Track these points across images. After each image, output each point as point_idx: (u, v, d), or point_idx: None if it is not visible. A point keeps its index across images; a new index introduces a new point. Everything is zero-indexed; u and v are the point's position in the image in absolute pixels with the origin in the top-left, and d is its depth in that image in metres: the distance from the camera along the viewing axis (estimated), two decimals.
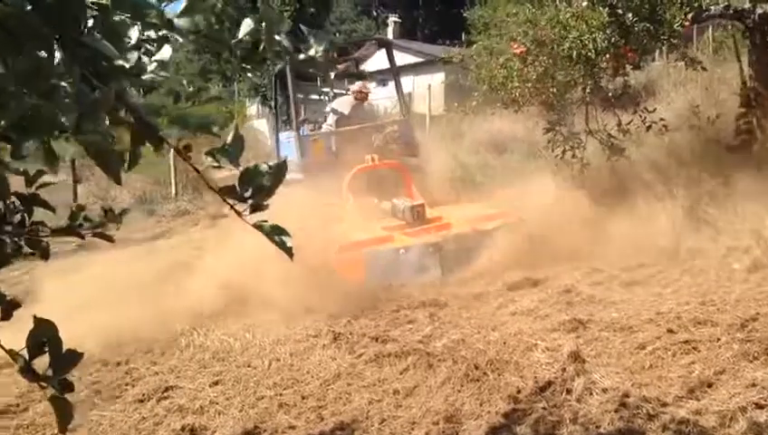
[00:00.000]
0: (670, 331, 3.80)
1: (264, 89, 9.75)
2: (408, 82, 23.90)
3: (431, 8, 36.83)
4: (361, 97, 8.27)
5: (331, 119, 8.26)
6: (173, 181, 15.27)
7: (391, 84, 25.30)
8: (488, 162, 8.21)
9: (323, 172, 7.17)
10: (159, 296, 6.11)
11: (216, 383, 4.06)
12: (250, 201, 1.11)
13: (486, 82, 5.98)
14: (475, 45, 6.34)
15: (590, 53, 5.39)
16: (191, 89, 2.38)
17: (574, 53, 5.39)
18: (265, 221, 1.14)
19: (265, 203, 1.12)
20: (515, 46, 5.99)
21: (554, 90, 6.14)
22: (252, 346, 4.58)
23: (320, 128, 8.45)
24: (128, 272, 7.63)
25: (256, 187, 1.10)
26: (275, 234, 1.13)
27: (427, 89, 19.03)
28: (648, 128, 6.39)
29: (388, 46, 9.08)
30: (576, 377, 3.22)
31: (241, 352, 4.49)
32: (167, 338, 4.99)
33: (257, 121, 11.59)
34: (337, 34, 35.50)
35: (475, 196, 7.28)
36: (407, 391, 3.56)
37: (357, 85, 8.35)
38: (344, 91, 10.78)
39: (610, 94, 6.63)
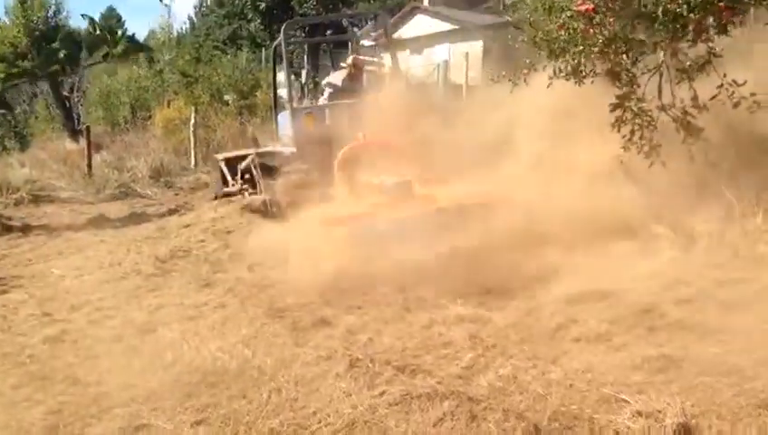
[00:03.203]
0: None
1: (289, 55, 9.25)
2: (443, 50, 22.77)
3: None
4: (355, 70, 8.37)
5: (327, 92, 8.30)
6: (192, 152, 14.50)
7: (426, 52, 24.24)
8: (519, 140, 7.12)
9: (313, 145, 7.42)
10: (148, 294, 5.32)
11: (199, 423, 3.20)
12: None
13: (545, 46, 4.94)
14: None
15: (679, 9, 4.32)
16: None
17: (660, 9, 4.33)
18: None
19: None
20: (579, 3, 4.92)
21: (624, 56, 5.08)
22: (250, 368, 3.71)
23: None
24: (124, 259, 6.87)
25: None
26: None
27: (461, 58, 17.83)
28: (737, 104, 5.27)
29: (386, 24, 9.93)
30: None
31: (236, 377, 3.63)
32: (150, 349, 4.16)
33: (283, 90, 10.96)
34: (371, 1, 34.26)
35: (485, 175, 6.36)
36: None
37: (350, 59, 8.49)
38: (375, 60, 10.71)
39: (688, 64, 5.50)
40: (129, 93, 22.65)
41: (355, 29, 19.51)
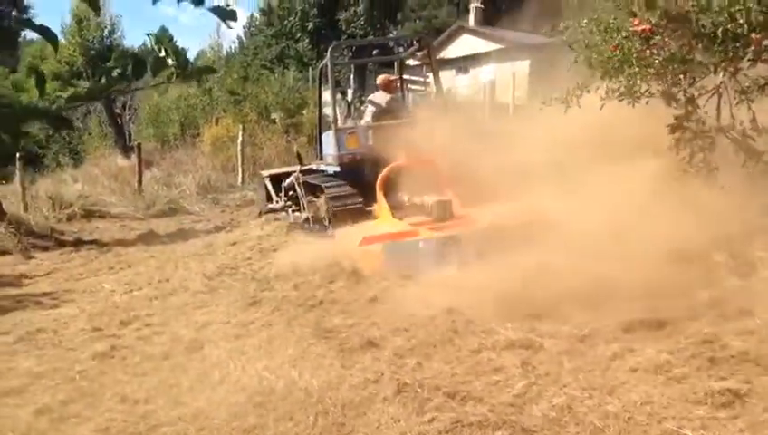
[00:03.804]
0: None
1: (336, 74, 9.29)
2: (489, 70, 22.69)
3: None
4: (389, 88, 8.40)
5: (369, 112, 8.27)
6: (239, 169, 14.69)
7: (472, 71, 24.24)
8: (566, 160, 6.93)
9: (356, 164, 7.75)
10: (195, 311, 5.36)
11: None
12: None
13: (600, 66, 4.84)
14: (585, 21, 5.19)
15: (739, 29, 4.18)
16: None
17: (719, 28, 4.20)
18: None
19: None
20: (636, 23, 4.81)
21: (682, 76, 4.94)
22: (296, 389, 3.66)
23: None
24: (172, 275, 6.95)
25: None
26: None
27: (507, 77, 17.74)
28: None
29: (429, 46, 9.56)
30: None
31: (282, 398, 3.58)
32: (197, 367, 4.16)
33: (329, 110, 11.04)
34: (417, 21, 34.39)
35: (531, 196, 6.19)
36: None
37: (381, 77, 8.51)
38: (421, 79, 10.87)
39: (748, 85, 5.32)
40: (179, 111, 23.15)
41: (400, 49, 19.58)
